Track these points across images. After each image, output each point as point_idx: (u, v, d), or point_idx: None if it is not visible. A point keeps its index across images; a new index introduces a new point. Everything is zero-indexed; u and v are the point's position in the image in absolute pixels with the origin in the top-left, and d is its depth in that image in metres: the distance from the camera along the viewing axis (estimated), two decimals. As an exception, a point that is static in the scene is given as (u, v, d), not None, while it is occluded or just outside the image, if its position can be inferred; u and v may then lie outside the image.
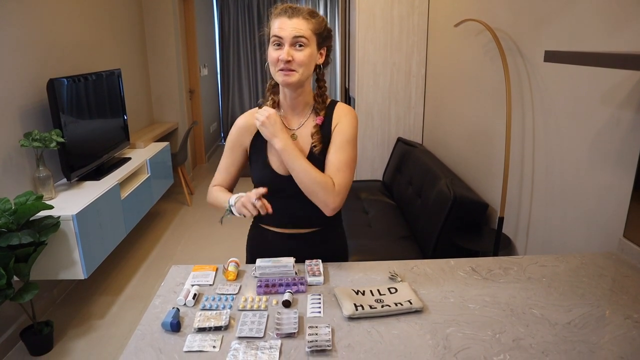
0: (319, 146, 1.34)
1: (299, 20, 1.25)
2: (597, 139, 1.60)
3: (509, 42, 2.17)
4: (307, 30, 1.26)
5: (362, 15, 3.41)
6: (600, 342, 1.01)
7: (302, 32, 1.25)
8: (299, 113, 1.39)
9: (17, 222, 2.12)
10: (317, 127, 1.35)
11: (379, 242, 2.61)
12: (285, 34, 1.24)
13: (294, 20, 1.25)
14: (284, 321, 1.08)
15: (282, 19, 1.26)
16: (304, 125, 1.38)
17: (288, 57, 1.24)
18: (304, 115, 1.39)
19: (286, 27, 1.24)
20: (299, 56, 1.25)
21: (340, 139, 1.34)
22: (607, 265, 1.37)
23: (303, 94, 1.36)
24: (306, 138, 1.37)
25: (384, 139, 3.67)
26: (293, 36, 1.24)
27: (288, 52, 1.24)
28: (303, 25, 1.25)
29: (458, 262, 1.38)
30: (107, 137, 3.27)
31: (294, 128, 1.39)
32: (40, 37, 2.74)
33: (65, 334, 2.55)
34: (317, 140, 1.34)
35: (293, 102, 1.37)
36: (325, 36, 1.33)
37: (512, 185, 2.18)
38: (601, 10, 1.55)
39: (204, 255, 3.55)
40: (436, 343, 1.01)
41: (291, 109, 1.38)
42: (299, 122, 1.39)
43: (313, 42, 1.28)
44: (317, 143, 1.34)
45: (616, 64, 1.10)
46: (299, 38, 1.24)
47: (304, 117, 1.39)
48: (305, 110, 1.39)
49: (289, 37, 1.24)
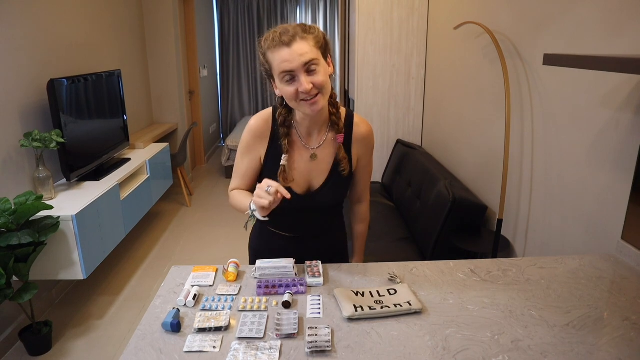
0: (347, 169, 1.33)
1: (300, 45, 1.14)
2: (595, 141, 1.60)
3: (509, 44, 2.18)
4: (312, 49, 1.15)
5: (362, 17, 3.41)
6: (598, 344, 1.01)
7: (310, 55, 1.14)
8: (318, 130, 1.33)
9: (17, 222, 2.12)
10: (341, 148, 1.31)
11: (378, 243, 2.62)
12: (295, 66, 1.13)
13: (295, 47, 1.13)
14: (283, 322, 1.09)
15: (282, 50, 1.14)
16: (324, 146, 1.34)
17: (308, 85, 1.14)
18: (322, 132, 1.33)
19: (292, 57, 1.13)
20: (317, 79, 1.15)
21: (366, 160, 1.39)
22: (605, 268, 1.37)
23: (323, 110, 1.29)
24: (325, 160, 1.33)
25: (384, 140, 3.67)
26: (303, 64, 1.14)
27: (306, 81, 1.14)
28: (306, 47, 1.14)
29: (457, 263, 1.39)
30: (106, 137, 3.27)
31: (314, 147, 1.34)
32: (41, 37, 2.74)
33: (64, 334, 2.55)
34: (345, 164, 1.32)
35: (313, 122, 1.31)
36: (326, 45, 1.22)
37: (511, 187, 2.19)
38: (600, 14, 1.56)
39: (202, 256, 3.55)
40: (435, 344, 1.02)
41: (310, 127, 1.32)
42: (319, 140, 1.34)
43: (320, 57, 1.18)
44: (345, 167, 1.32)
45: (615, 68, 1.11)
46: (309, 62, 1.14)
47: (322, 135, 1.33)
48: (324, 127, 1.33)
49: (299, 66, 1.13)
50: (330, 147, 1.33)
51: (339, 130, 1.31)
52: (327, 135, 1.33)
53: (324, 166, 1.34)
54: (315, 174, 1.34)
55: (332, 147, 1.33)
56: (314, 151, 1.33)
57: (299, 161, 1.33)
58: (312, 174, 1.34)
